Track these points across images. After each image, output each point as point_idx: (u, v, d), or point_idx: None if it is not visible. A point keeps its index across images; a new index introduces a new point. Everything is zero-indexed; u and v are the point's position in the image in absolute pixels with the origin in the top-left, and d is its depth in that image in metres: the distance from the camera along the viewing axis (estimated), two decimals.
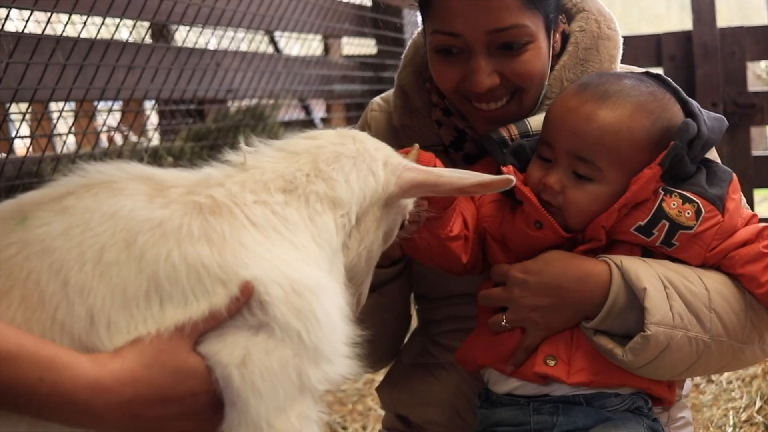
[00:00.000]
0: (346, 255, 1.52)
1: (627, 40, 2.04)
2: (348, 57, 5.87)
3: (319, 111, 5.88)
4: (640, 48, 5.04)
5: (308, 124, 5.47)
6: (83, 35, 3.07)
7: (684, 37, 5.22)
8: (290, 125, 4.92)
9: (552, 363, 1.72)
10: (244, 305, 1.31)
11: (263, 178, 1.46)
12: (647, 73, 1.81)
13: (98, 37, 3.16)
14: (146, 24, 4.04)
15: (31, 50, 2.81)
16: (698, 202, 1.70)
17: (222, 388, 1.30)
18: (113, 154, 3.34)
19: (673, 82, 1.79)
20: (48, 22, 2.85)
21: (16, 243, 1.29)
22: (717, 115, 1.81)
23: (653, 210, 1.69)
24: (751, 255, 1.72)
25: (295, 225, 1.43)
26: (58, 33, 2.96)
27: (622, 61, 2.02)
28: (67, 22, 2.94)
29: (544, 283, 1.72)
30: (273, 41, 5.08)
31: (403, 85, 2.05)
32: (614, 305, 1.69)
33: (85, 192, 1.37)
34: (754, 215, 1.79)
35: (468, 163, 1.94)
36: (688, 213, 1.69)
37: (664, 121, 1.71)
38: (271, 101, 4.59)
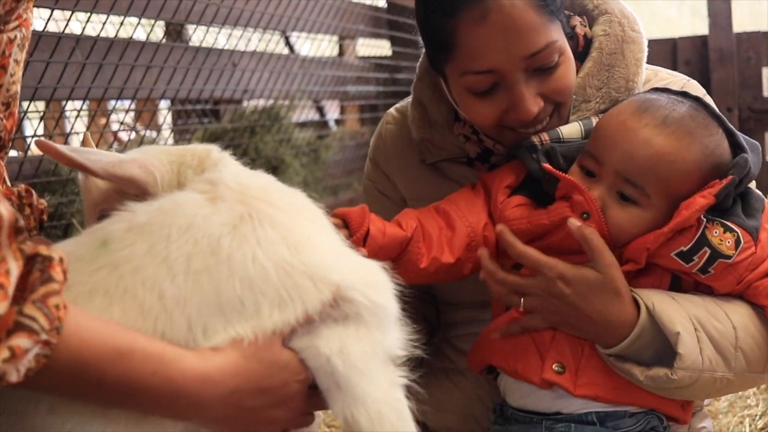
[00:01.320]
0: None
1: None
2: (363, 58, 5.87)
3: (333, 112, 5.88)
4: (655, 52, 4.97)
5: (322, 125, 5.48)
6: (102, 35, 3.08)
7: (700, 41, 5.22)
8: (305, 126, 4.93)
9: (559, 370, 1.70)
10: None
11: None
12: (686, 95, 1.76)
13: (117, 36, 3.17)
14: (163, 24, 4.04)
15: (51, 49, 2.82)
16: (738, 231, 1.66)
17: (323, 375, 1.40)
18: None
19: (716, 110, 1.76)
20: (68, 21, 2.86)
21: (106, 266, 1.35)
22: (752, 142, 1.77)
23: (696, 236, 1.66)
24: None
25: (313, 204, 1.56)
26: (77, 32, 2.96)
27: None
28: (86, 21, 2.95)
29: (579, 307, 1.67)
30: (288, 42, 5.08)
31: (420, 97, 1.99)
32: (632, 344, 1.66)
33: (153, 209, 1.43)
34: None
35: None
36: (729, 242, 1.66)
37: (716, 157, 1.68)
38: (286, 102, 4.60)
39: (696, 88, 1.96)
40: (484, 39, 1.72)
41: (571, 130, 1.81)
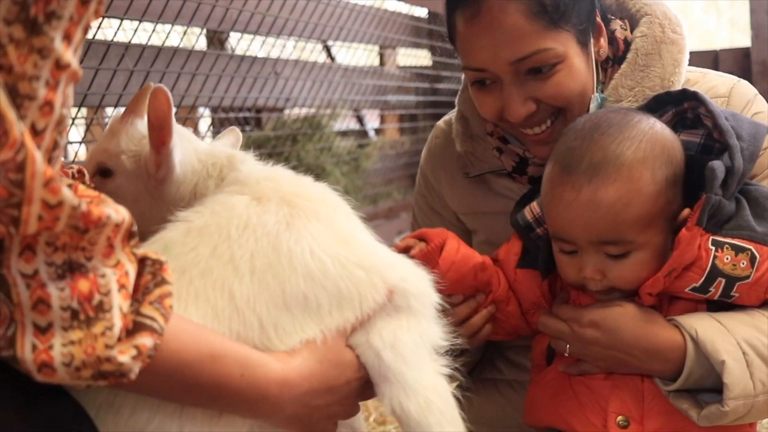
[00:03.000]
0: None
1: None
2: (403, 68, 5.89)
3: (373, 122, 5.90)
4: (696, 64, 4.96)
5: (362, 134, 5.50)
6: (142, 41, 3.12)
7: (742, 53, 5.19)
8: (346, 135, 4.96)
9: (624, 423, 1.64)
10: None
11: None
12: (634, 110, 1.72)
13: (157, 43, 3.21)
14: (204, 32, 4.09)
15: (99, 57, 2.86)
16: (751, 248, 1.58)
17: (374, 369, 1.46)
18: None
19: (711, 103, 1.66)
20: (99, 26, 2.88)
21: (174, 271, 1.36)
22: (758, 125, 1.68)
23: (707, 269, 1.59)
24: None
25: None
26: (112, 38, 2.99)
27: None
28: (135, 31, 2.99)
29: (613, 346, 1.64)
30: (328, 51, 5.12)
31: (462, 110, 2.01)
32: (689, 377, 1.61)
33: (205, 212, 1.48)
34: None
35: (533, 184, 1.89)
36: (743, 263, 1.58)
37: (662, 156, 1.60)
38: (328, 111, 4.63)
39: (746, 89, 1.91)
40: (473, 37, 1.74)
41: None
